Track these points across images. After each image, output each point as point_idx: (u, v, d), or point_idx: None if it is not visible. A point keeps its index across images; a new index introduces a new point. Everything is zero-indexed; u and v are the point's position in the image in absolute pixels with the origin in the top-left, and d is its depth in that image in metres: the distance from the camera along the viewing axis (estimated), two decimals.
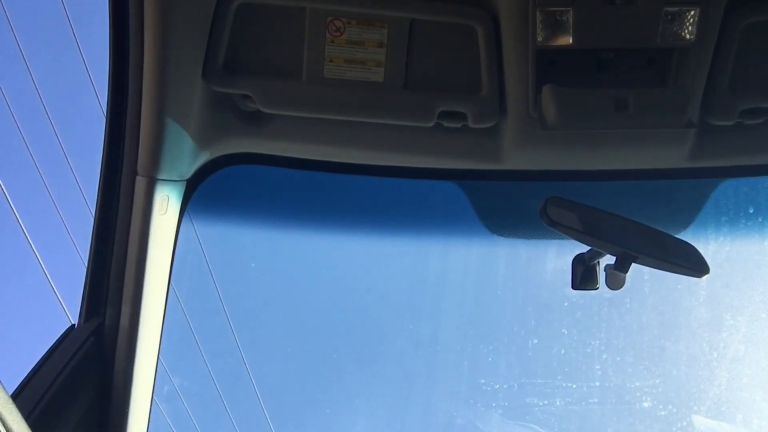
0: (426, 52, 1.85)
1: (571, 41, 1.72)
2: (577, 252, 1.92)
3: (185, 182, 2.00)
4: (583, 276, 1.93)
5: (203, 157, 2.01)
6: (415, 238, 2.96)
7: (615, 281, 1.85)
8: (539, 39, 1.71)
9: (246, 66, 1.87)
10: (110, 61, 1.78)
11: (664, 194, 2.37)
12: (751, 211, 2.48)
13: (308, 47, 1.83)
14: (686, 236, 1.94)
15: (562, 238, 1.94)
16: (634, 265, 1.80)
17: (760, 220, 2.52)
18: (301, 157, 2.14)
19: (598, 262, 1.91)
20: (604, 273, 1.88)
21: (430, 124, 1.90)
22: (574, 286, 1.95)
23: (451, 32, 1.83)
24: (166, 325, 2.03)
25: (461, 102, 1.87)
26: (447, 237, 2.91)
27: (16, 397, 1.66)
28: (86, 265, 1.93)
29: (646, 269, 1.88)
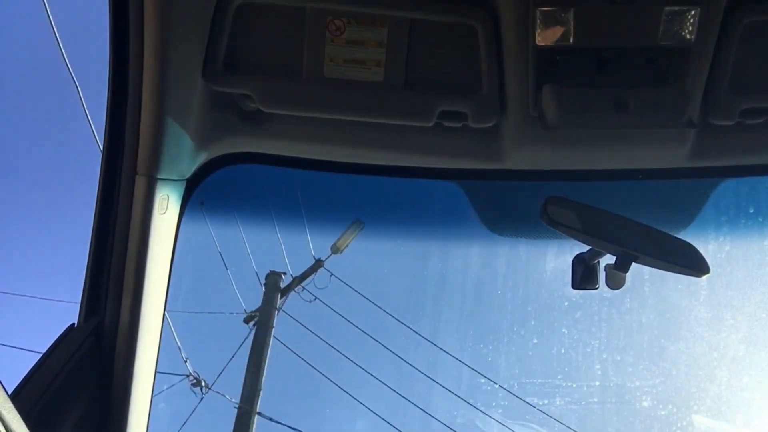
0: (426, 52, 1.85)
1: (571, 40, 1.71)
2: (578, 251, 1.92)
3: (185, 181, 2.00)
4: (583, 275, 1.93)
5: (203, 157, 2.01)
6: (415, 238, 2.96)
7: (615, 281, 1.85)
8: (539, 38, 1.71)
9: (246, 65, 1.87)
10: (110, 60, 1.78)
11: (665, 194, 2.37)
12: (752, 210, 2.48)
13: (308, 47, 1.82)
14: (686, 236, 1.94)
15: (563, 238, 1.94)
16: (634, 265, 1.80)
17: (760, 220, 2.52)
18: (301, 156, 2.13)
19: (599, 261, 1.90)
20: (604, 272, 1.88)
21: (430, 124, 1.90)
22: (575, 286, 1.95)
23: (451, 32, 1.82)
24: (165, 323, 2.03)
25: (461, 101, 1.87)
26: (447, 236, 2.91)
27: (16, 396, 1.66)
28: (86, 264, 1.93)
29: (646, 269, 1.88)
